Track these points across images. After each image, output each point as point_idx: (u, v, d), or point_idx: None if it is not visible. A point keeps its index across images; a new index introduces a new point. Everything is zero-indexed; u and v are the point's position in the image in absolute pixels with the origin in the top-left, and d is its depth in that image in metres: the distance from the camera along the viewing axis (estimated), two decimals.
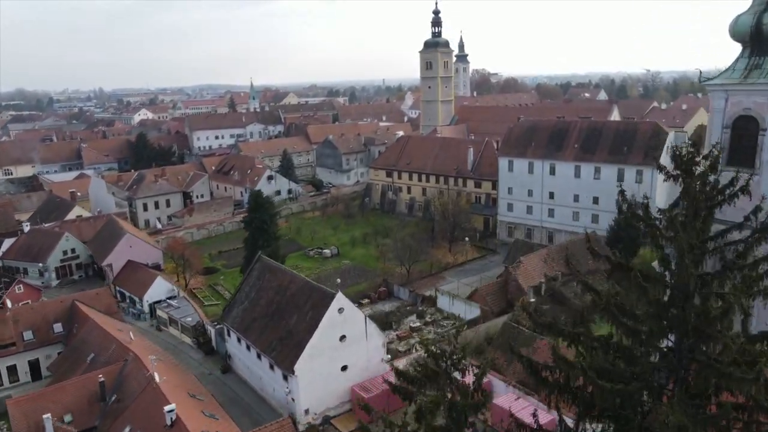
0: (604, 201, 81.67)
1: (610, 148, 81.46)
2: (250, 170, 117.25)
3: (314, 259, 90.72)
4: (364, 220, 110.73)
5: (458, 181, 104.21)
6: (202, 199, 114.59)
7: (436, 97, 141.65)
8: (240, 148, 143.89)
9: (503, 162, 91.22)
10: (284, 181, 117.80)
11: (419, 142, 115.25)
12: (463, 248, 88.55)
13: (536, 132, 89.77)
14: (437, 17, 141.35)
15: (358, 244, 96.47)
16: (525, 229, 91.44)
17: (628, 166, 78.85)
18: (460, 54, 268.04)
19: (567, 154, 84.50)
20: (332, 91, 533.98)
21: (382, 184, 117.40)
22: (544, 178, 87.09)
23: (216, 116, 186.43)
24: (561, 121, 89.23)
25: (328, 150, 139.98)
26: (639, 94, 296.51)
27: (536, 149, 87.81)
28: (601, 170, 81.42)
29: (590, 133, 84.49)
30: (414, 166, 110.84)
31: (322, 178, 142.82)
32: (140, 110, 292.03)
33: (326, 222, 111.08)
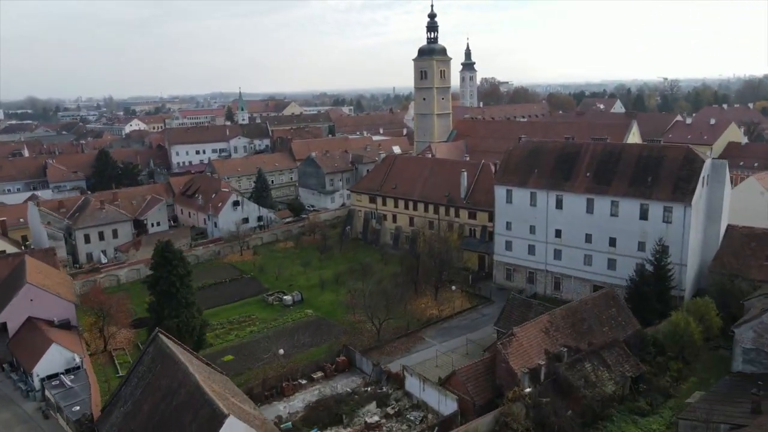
0: (623, 243, 66.08)
1: (630, 178, 65.85)
2: (215, 194, 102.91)
3: (273, 308, 75.76)
4: (342, 254, 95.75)
5: (450, 210, 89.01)
6: (158, 228, 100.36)
7: (431, 110, 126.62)
8: (213, 166, 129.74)
9: (500, 191, 75.87)
10: (253, 207, 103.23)
11: (407, 164, 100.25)
12: (451, 296, 73.31)
13: (540, 156, 74.41)
14: (433, 21, 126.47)
15: (329, 286, 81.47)
16: (526, 272, 75.84)
17: (653, 201, 63.16)
18: (466, 62, 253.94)
19: (577, 185, 69.01)
20: (338, 100, 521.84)
21: (365, 210, 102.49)
22: (550, 213, 71.60)
23: (197, 129, 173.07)
24: (570, 144, 73.98)
25: (311, 168, 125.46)
26: (657, 104, 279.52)
27: (540, 177, 72.43)
28: (619, 205, 65.80)
29: (606, 159, 68.96)
30: (400, 192, 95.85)
31: (304, 200, 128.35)
32: (132, 121, 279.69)
33: (299, 255, 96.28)
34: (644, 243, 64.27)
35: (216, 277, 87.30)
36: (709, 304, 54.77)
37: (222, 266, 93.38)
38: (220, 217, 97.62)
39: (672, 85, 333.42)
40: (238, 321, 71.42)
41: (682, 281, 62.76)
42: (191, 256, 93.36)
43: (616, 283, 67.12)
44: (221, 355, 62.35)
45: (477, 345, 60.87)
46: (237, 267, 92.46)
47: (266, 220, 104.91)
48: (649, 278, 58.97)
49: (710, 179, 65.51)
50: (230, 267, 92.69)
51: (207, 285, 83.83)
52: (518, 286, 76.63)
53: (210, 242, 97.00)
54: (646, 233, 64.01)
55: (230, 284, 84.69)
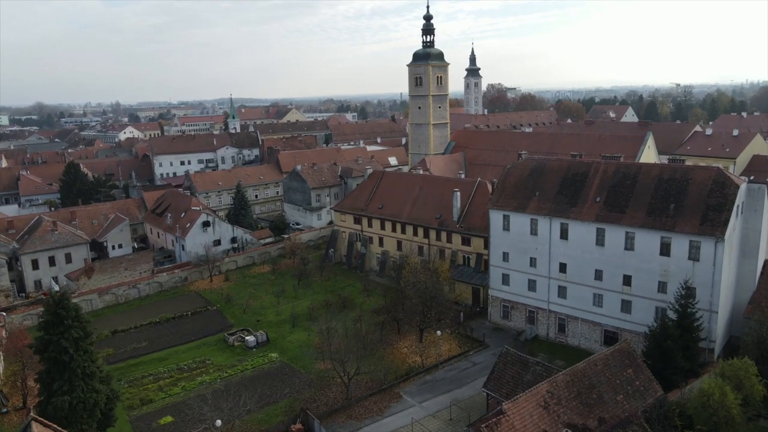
0: (639, 283, 55.61)
1: (649, 205, 55.42)
2: (184, 213, 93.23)
3: (233, 351, 65.76)
4: (322, 281, 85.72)
5: (441, 234, 78.81)
6: (120, 251, 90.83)
7: (426, 120, 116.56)
8: (192, 179, 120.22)
9: (496, 217, 65.62)
10: (226, 227, 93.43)
11: (395, 181, 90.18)
12: (438, 338, 63.07)
13: (543, 176, 64.13)
14: (429, 24, 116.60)
15: (301, 322, 71.50)
16: (526, 311, 65.45)
17: (676, 234, 52.67)
18: (471, 68, 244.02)
19: (585, 211, 58.66)
20: (343, 105, 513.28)
21: (349, 232, 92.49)
22: (553, 243, 61.27)
23: (183, 138, 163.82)
24: (577, 163, 63.71)
25: (296, 183, 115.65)
26: (669, 111, 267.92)
27: (542, 201, 62.15)
28: (635, 238, 55.36)
29: (619, 182, 58.56)
30: (387, 212, 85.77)
31: (289, 217, 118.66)
32: (126, 128, 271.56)
33: (274, 282, 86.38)
34: (665, 283, 53.80)
35: (177, 308, 77.57)
36: (749, 367, 44.17)
37: (187, 295, 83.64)
38: (188, 239, 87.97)
39: (685, 91, 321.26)
40: (189, 368, 61.52)
41: (712, 331, 52.20)
42: (154, 284, 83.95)
43: (631, 329, 56.93)
44: (159, 416, 52.67)
45: (463, 408, 50.61)
46: (204, 296, 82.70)
47: (241, 242, 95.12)
48: (673, 330, 48.40)
49: (745, 207, 54.96)
50: (196, 296, 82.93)
51: (164, 320, 74.25)
52: (517, 326, 66.34)
53: (176, 267, 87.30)
54: (667, 272, 53.52)
55: (191, 318, 74.87)
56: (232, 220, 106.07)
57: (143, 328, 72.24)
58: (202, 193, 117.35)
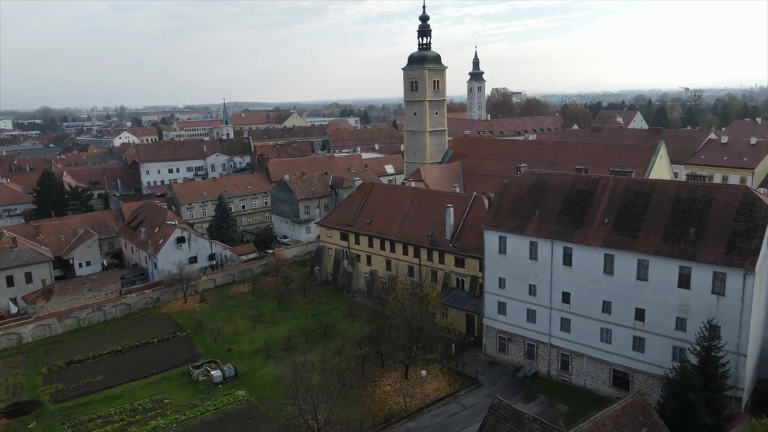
0: (654, 318, 48.39)
1: (665, 229, 48.22)
2: (158, 227, 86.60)
3: (197, 387, 58.92)
4: (304, 303, 78.85)
5: (433, 254, 71.76)
6: (88, 268, 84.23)
7: (422, 127, 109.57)
8: (174, 188, 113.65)
9: (491, 238, 58.54)
10: (203, 243, 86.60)
11: (385, 193, 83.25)
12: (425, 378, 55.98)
13: (544, 193, 57.03)
14: (425, 25, 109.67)
15: (276, 352, 64.60)
16: (524, 344, 58.28)
17: (698, 263, 45.43)
18: (474, 72, 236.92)
19: (592, 235, 51.51)
20: (346, 110, 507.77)
21: (335, 248, 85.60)
22: (555, 270, 54.14)
23: (171, 145, 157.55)
24: (583, 178, 56.57)
25: (284, 193, 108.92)
26: (680, 116, 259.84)
27: (543, 222, 55.05)
28: (649, 267, 48.16)
29: (631, 201, 51.39)
30: (375, 228, 78.84)
31: (277, 230, 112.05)
32: (121, 133, 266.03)
33: (253, 304, 79.67)
34: (685, 320, 46.58)
35: (143, 334, 70.82)
36: None
37: (157, 318, 76.98)
38: (160, 256, 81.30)
39: (695, 95, 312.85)
40: (144, 408, 54.68)
41: (740, 378, 44.90)
42: (122, 305, 77.30)
43: (645, 369, 49.76)
44: None
45: None
46: (175, 320, 75.98)
47: (220, 259, 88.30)
48: (695, 379, 41.12)
49: None
50: (167, 320, 76.22)
51: (127, 348, 67.48)
52: (514, 360, 59.18)
53: (147, 287, 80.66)
54: (687, 307, 46.29)
55: (157, 347, 68.07)
56: (213, 234, 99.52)
57: (102, 358, 65.49)
58: (185, 204, 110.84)
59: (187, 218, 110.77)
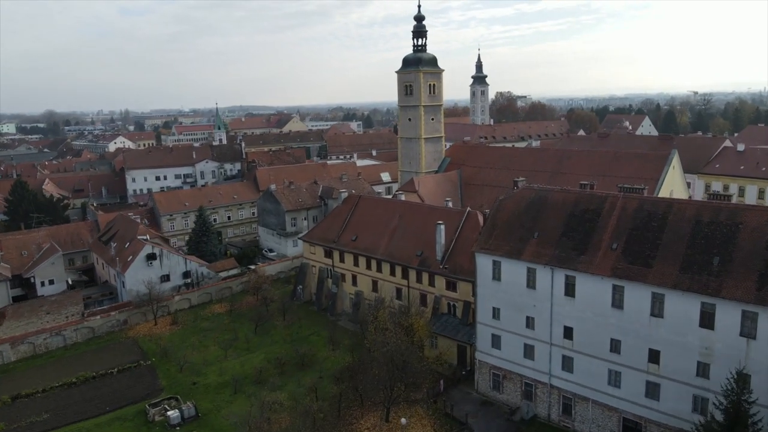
0: (671, 361, 41.50)
1: (684, 257, 41.35)
2: (129, 242, 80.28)
3: (151, 429, 52.31)
4: (284, 327, 72.25)
5: (422, 275, 65.03)
6: (51, 287, 77.90)
7: (417, 134, 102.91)
8: (154, 198, 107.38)
9: (484, 262, 51.80)
10: (176, 260, 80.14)
11: (373, 207, 76.58)
12: (407, 424, 49.26)
13: (544, 212, 50.27)
14: (420, 25, 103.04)
15: (246, 386, 57.99)
16: (521, 383, 51.44)
17: (723, 300, 38.53)
18: (477, 75, 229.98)
19: (598, 262, 44.70)
20: (348, 114, 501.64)
21: (319, 266, 79.04)
22: (556, 301, 47.34)
23: (159, 151, 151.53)
24: (588, 196, 49.79)
25: (270, 204, 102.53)
26: (689, 121, 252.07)
27: (542, 246, 48.27)
28: (665, 302, 41.29)
29: (643, 223, 44.55)
30: (361, 246, 72.21)
31: (264, 242, 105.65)
32: (117, 138, 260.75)
33: (228, 327, 73.14)
34: (707, 366, 39.69)
35: (103, 363, 64.35)
36: None
37: (122, 343, 70.52)
38: (128, 275, 74.96)
39: (704, 99, 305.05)
40: None
41: None
42: (84, 329, 70.93)
43: (660, 420, 42.92)
44: None
45: None
46: (141, 345, 69.52)
47: (196, 276, 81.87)
48: None
49: None
50: (132, 345, 69.74)
51: (82, 380, 60.96)
52: (510, 400, 52.32)
53: (113, 308, 74.30)
54: (710, 351, 39.39)
55: (116, 378, 61.56)
56: (192, 248, 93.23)
57: (53, 391, 58.98)
58: (166, 215, 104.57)
59: (167, 230, 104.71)
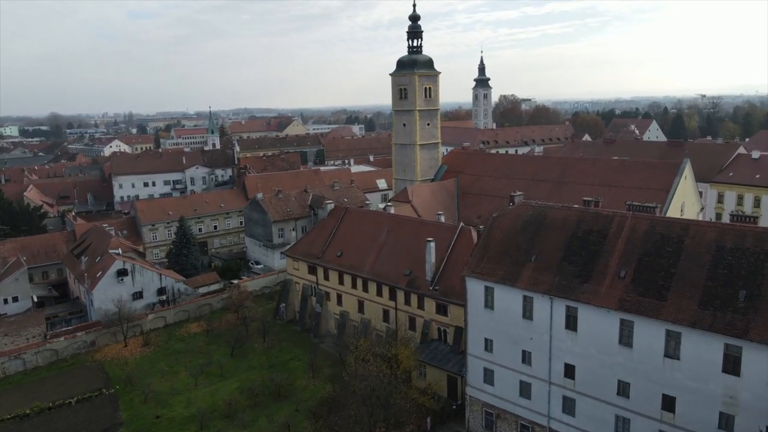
0: (688, 409, 35.75)
1: (704, 289, 35.66)
2: (100, 257, 75.06)
3: None
4: (263, 350, 66.81)
5: (411, 297, 59.43)
6: (15, 305, 72.74)
7: (412, 140, 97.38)
8: (136, 207, 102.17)
9: (475, 288, 46.22)
10: (150, 276, 74.77)
11: (360, 220, 71.02)
12: None
13: (542, 232, 44.66)
14: (415, 25, 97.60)
15: (215, 420, 52.64)
16: (517, 424, 45.74)
17: (751, 343, 32.78)
18: (480, 78, 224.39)
19: (604, 292, 39.04)
20: (351, 117, 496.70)
21: (303, 283, 73.58)
22: (556, 334, 41.69)
23: (147, 157, 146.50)
24: (592, 213, 44.14)
25: (257, 214, 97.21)
26: (698, 125, 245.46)
27: (540, 271, 42.65)
28: (682, 342, 35.58)
29: (656, 248, 38.86)
30: (347, 262, 66.69)
31: (251, 254, 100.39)
32: (112, 141, 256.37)
33: (203, 349, 67.78)
34: (732, 418, 33.99)
35: (63, 391, 59.03)
36: None
37: (88, 367, 65.17)
38: (97, 292, 69.71)
39: (713, 103, 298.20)
40: None
41: None
42: (47, 351, 65.63)
43: None
44: None
45: None
46: (107, 369, 64.19)
47: (172, 293, 76.54)
48: None
49: None
50: (98, 370, 64.38)
51: (36, 411, 55.60)
52: None
53: (79, 329, 69.02)
54: (735, 400, 33.68)
55: (73, 409, 56.23)
56: (172, 262, 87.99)
57: (3, 425, 53.72)
58: (147, 225, 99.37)
59: (149, 241, 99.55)
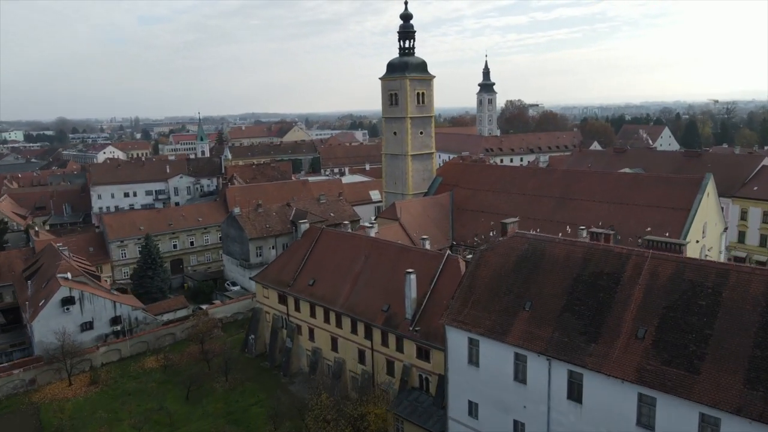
0: None
1: (751, 361, 26.94)
2: (48, 281, 67.04)
3: None
4: (223, 392, 58.38)
5: (388, 337, 50.85)
6: None
7: (403, 150, 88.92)
8: (104, 221, 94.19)
9: (456, 339, 37.68)
10: (101, 304, 66.49)
11: (335, 244, 62.43)
12: None
13: (540, 272, 36.06)
14: (407, 25, 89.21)
15: None
16: None
17: None
18: (484, 82, 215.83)
19: (617, 356, 30.40)
20: (355, 122, 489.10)
21: (273, 313, 65.21)
22: (555, 404, 32.98)
23: (130, 165, 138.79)
24: (601, 251, 35.46)
25: (234, 230, 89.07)
26: (711, 131, 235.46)
27: (537, 323, 34.03)
28: (720, 430, 26.77)
29: (684, 299, 30.15)
30: (319, 293, 58.20)
31: (228, 273, 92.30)
32: (106, 147, 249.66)
33: (156, 390, 59.45)
34: None
35: None
36: None
37: (22, 412, 56.84)
38: (37, 324, 61.67)
39: (727, 109, 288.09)
40: None
41: None
42: None
43: None
44: None
45: None
46: (43, 416, 55.81)
47: (128, 322, 68.36)
48: None
49: None
50: (32, 415, 56.04)
51: None
52: None
53: (18, 365, 60.88)
54: None
55: None
56: (136, 284, 79.95)
57: None
58: (116, 241, 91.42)
59: (118, 258, 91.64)
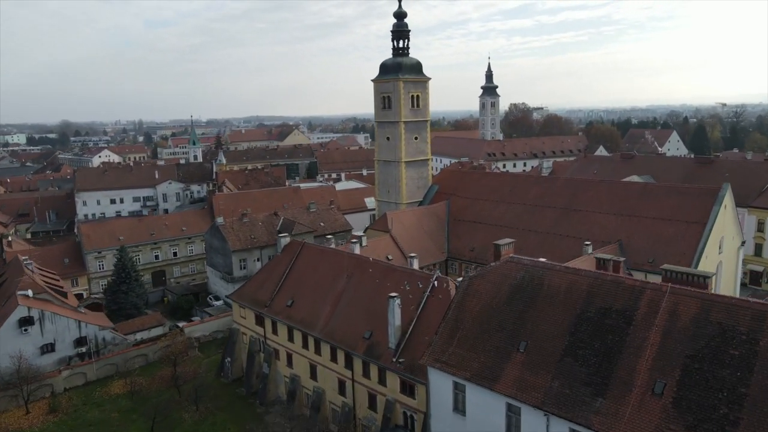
0: None
1: None
2: (8, 299, 62.00)
3: None
4: (192, 424, 53.14)
5: (370, 368, 45.51)
6: None
7: (397, 156, 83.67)
8: (81, 230, 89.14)
9: (439, 382, 32.32)
10: (65, 323, 61.24)
11: (317, 260, 57.02)
12: None
13: (537, 306, 30.69)
14: (401, 24, 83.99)
15: None
16: None
17: None
18: (487, 85, 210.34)
19: (629, 415, 24.98)
20: (358, 126, 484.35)
21: (250, 335, 59.96)
22: None
23: (117, 170, 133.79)
24: (609, 282, 30.15)
25: (217, 241, 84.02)
26: (721, 135, 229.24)
27: (533, 368, 28.64)
28: None
29: (711, 348, 24.73)
30: (298, 316, 52.94)
31: (212, 287, 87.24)
32: (102, 151, 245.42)
33: (120, 421, 54.30)
34: None
35: None
36: None
37: None
38: None
39: (736, 112, 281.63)
40: None
41: None
42: None
43: None
44: None
45: None
46: None
47: (95, 343, 63.21)
48: None
49: None
50: None
51: None
52: None
53: None
54: None
55: None
56: (109, 300, 74.94)
57: None
58: (93, 252, 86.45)
59: (95, 270, 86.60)
